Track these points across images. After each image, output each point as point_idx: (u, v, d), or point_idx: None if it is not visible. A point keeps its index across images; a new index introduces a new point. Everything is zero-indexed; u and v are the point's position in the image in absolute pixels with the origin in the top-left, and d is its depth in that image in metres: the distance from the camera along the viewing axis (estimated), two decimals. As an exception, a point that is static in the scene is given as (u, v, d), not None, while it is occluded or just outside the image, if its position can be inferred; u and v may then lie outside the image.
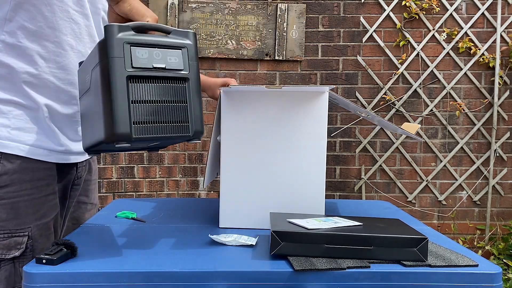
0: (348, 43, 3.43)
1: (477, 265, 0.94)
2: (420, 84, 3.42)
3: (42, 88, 1.18)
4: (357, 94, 3.43)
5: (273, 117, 1.23)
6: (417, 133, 3.44)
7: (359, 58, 3.42)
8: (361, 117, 1.39)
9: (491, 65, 3.37)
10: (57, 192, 1.26)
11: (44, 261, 0.90)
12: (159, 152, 3.43)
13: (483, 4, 3.37)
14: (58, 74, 1.20)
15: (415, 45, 3.39)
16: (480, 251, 3.31)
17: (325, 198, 1.28)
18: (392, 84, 3.43)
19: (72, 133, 1.29)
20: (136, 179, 3.45)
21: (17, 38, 1.14)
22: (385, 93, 3.42)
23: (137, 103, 0.93)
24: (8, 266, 1.14)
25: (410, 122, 3.43)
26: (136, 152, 3.43)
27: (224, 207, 1.24)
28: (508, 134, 3.43)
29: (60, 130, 1.23)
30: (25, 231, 1.16)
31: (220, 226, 1.24)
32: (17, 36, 1.14)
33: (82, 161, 1.36)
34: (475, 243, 3.40)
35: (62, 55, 1.20)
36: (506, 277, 3.01)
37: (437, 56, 3.41)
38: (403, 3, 3.32)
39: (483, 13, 3.37)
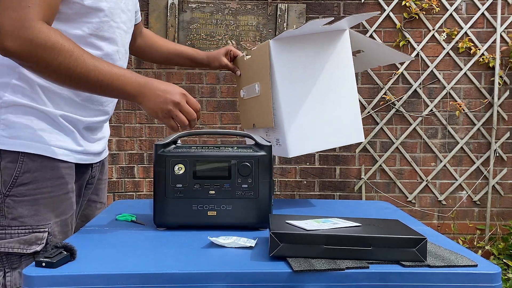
0: (348, 43, 3.42)
1: (476, 265, 0.94)
2: (420, 84, 3.42)
3: (60, 100, 1.23)
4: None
5: (314, 54, 1.43)
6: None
7: (359, 58, 3.42)
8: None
9: (491, 65, 3.37)
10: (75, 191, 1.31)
11: (43, 264, 0.90)
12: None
13: (483, 4, 3.37)
14: (77, 91, 1.24)
15: (415, 45, 3.39)
16: (480, 251, 3.31)
17: (325, 198, 1.30)
18: (392, 84, 3.43)
19: (90, 135, 1.34)
20: (136, 179, 3.45)
21: None
22: (385, 93, 3.42)
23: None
24: (29, 261, 1.18)
25: (410, 122, 3.44)
26: (136, 152, 3.43)
27: (290, 138, 1.42)
28: (508, 134, 3.43)
29: (78, 132, 1.28)
30: (45, 227, 1.21)
31: (289, 156, 1.43)
32: None
33: (96, 162, 1.40)
34: (475, 243, 3.40)
35: None
36: (506, 277, 3.01)
37: (437, 56, 3.41)
38: (403, 3, 3.32)
39: (483, 13, 3.37)
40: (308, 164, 3.44)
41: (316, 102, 1.44)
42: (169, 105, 1.17)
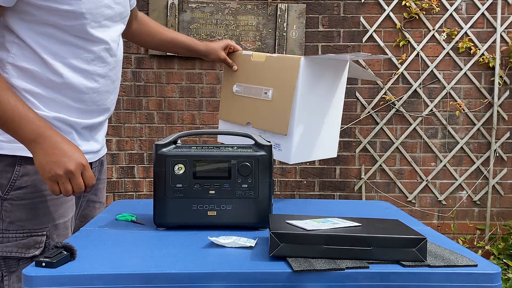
0: (348, 43, 3.43)
1: (476, 265, 0.94)
2: (420, 84, 3.42)
3: (52, 104, 1.21)
4: (357, 94, 3.43)
5: (329, 78, 1.61)
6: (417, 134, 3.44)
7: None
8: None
9: (491, 65, 3.37)
10: None
11: (43, 264, 0.90)
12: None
13: (483, 4, 3.37)
14: (68, 94, 1.23)
15: (415, 45, 3.39)
16: (480, 251, 3.31)
17: (325, 198, 1.30)
18: (392, 84, 3.43)
19: (88, 134, 1.32)
20: (136, 179, 3.45)
21: (28, 64, 1.17)
22: (385, 93, 3.42)
23: None
24: (27, 265, 1.17)
25: (410, 122, 3.44)
26: (136, 152, 3.43)
27: (294, 148, 1.50)
28: (508, 134, 3.43)
29: (76, 132, 1.27)
30: (43, 230, 1.21)
31: (290, 162, 1.51)
32: (28, 61, 1.17)
33: (95, 161, 1.39)
34: (475, 243, 3.40)
35: (70, 78, 1.22)
36: (506, 277, 3.01)
37: (437, 56, 3.41)
38: (403, 3, 3.31)
39: (483, 13, 3.37)
40: (308, 164, 3.44)
41: (320, 119, 1.60)
42: (60, 170, 1.10)
